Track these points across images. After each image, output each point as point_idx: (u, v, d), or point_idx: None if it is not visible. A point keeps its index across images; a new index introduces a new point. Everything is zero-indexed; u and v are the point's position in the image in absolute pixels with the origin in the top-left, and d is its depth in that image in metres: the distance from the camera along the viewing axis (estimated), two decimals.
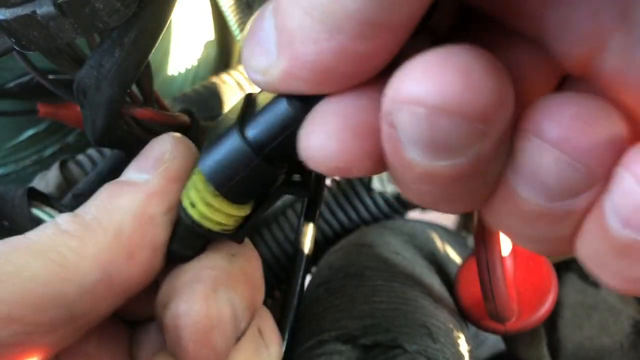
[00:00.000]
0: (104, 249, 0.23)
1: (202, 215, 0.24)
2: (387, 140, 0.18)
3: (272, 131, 0.21)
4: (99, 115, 0.28)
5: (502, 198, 0.19)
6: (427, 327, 0.35)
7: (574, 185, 0.17)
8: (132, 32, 0.26)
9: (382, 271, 0.40)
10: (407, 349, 0.34)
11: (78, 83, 0.27)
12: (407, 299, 0.37)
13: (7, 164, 0.48)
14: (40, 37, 0.25)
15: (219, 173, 0.23)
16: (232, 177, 0.22)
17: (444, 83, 0.16)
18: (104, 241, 0.23)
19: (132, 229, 0.24)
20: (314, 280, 0.42)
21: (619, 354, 0.52)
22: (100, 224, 0.24)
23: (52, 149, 0.49)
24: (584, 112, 0.17)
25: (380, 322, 0.35)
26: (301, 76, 0.18)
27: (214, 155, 0.23)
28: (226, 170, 0.22)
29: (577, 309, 0.54)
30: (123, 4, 0.24)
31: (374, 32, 0.17)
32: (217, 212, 0.24)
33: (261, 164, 0.22)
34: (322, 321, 0.36)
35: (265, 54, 0.19)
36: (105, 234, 0.23)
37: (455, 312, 0.40)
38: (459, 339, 0.37)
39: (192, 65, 0.56)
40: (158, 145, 0.26)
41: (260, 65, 0.19)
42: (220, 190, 0.23)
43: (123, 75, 0.27)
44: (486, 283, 0.36)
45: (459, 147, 0.17)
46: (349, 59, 0.18)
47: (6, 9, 0.24)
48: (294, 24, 0.18)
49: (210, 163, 0.23)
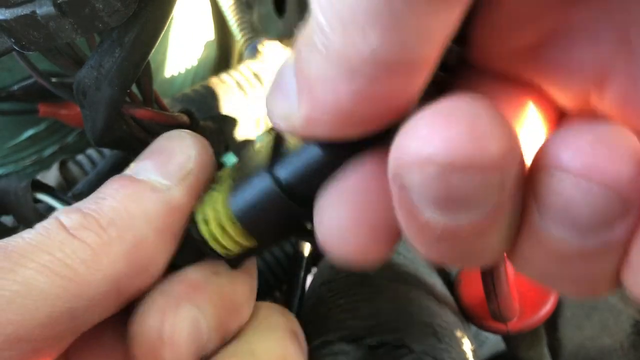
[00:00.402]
0: (119, 262, 0.22)
1: (212, 235, 0.24)
2: (400, 204, 0.18)
3: (303, 175, 0.21)
4: (98, 115, 0.28)
5: (531, 243, 0.18)
6: (433, 327, 0.35)
7: (608, 214, 0.16)
8: (132, 32, 0.26)
9: (384, 271, 0.40)
10: (413, 348, 0.34)
11: (78, 83, 0.27)
12: (411, 299, 0.37)
13: (6, 164, 0.48)
14: (40, 37, 0.25)
15: (248, 212, 0.23)
16: (261, 217, 0.23)
17: (451, 138, 0.15)
18: (120, 254, 0.22)
19: (151, 244, 0.22)
20: (316, 280, 0.42)
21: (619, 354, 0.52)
22: (119, 233, 0.22)
23: (52, 149, 0.49)
24: (603, 137, 0.16)
25: (385, 322, 0.35)
26: (322, 121, 0.18)
27: (244, 195, 0.23)
28: (256, 210, 0.22)
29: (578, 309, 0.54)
30: (123, 4, 0.24)
31: (389, 74, 0.16)
32: (228, 237, 0.24)
33: (292, 206, 0.22)
34: (326, 321, 0.36)
35: (286, 100, 0.19)
36: (122, 245, 0.22)
37: (457, 312, 0.40)
38: (463, 339, 0.37)
39: (192, 65, 0.56)
40: (181, 148, 0.25)
41: (282, 112, 0.19)
42: (242, 223, 0.23)
43: (123, 75, 0.27)
44: (489, 283, 0.36)
45: (477, 200, 0.16)
46: (368, 102, 0.17)
47: (6, 9, 0.24)
48: (312, 70, 0.18)
49: (240, 202, 0.23)
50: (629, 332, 0.53)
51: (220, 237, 0.24)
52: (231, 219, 0.23)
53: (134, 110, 0.30)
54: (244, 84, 0.48)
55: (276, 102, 0.20)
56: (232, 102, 0.47)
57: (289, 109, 0.19)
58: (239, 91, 0.48)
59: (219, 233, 0.24)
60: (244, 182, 0.23)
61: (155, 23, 0.26)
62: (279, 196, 0.22)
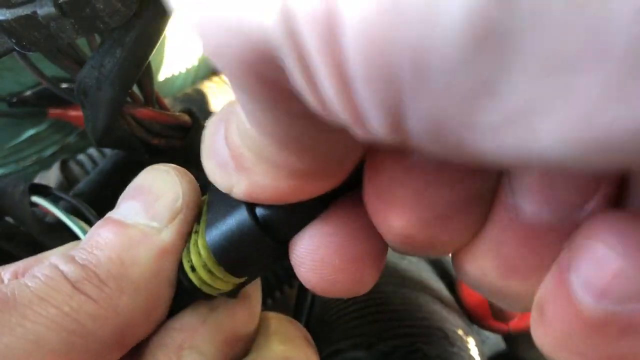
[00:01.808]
0: (122, 312, 0.22)
1: (201, 280, 0.23)
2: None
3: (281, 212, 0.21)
4: (100, 115, 0.28)
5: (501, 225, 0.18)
6: (444, 331, 0.35)
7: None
8: (133, 33, 0.26)
9: (391, 277, 0.40)
10: (426, 352, 0.34)
11: (79, 83, 0.27)
12: (420, 305, 0.37)
13: (7, 164, 0.48)
14: (41, 38, 0.25)
15: (225, 250, 0.22)
16: (239, 254, 0.22)
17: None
18: (123, 304, 0.22)
19: (150, 290, 0.22)
20: None
21: None
22: (118, 285, 0.22)
23: (53, 148, 0.49)
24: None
25: (396, 328, 0.35)
26: (263, 197, 0.19)
27: (221, 231, 0.22)
28: (233, 247, 0.22)
29: None
30: (124, 4, 0.24)
31: (316, 179, 0.18)
32: (217, 279, 0.23)
33: (270, 243, 0.21)
34: (336, 330, 0.36)
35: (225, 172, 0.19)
36: (122, 295, 0.22)
37: (462, 315, 0.41)
38: (472, 342, 0.37)
39: (193, 65, 0.56)
40: (168, 186, 0.24)
41: (224, 184, 0.20)
42: (226, 266, 0.22)
43: (124, 75, 0.27)
44: None
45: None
46: (303, 189, 0.18)
47: (7, 9, 0.24)
48: (248, 159, 0.18)
49: (217, 239, 0.22)
50: None
51: (210, 281, 0.23)
52: (216, 261, 0.23)
53: (135, 110, 0.30)
54: None
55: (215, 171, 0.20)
56: None
57: (227, 179, 0.19)
58: None
59: (207, 278, 0.23)
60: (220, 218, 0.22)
61: (156, 23, 0.26)
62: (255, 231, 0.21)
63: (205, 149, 0.20)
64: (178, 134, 0.33)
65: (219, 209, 0.22)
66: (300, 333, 0.27)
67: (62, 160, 0.44)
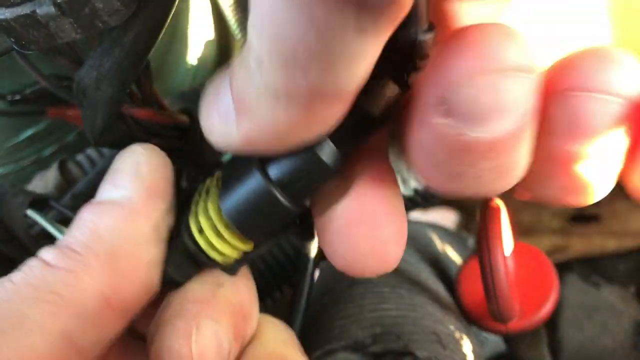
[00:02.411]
0: (100, 277, 0.23)
1: (208, 243, 0.24)
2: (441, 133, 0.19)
3: (295, 173, 0.21)
4: (98, 115, 0.28)
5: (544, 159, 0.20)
6: (437, 333, 0.35)
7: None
8: (132, 32, 0.26)
9: (388, 278, 0.40)
10: (417, 355, 0.34)
11: (78, 83, 0.27)
12: (415, 306, 0.37)
13: (6, 163, 0.48)
14: (40, 37, 0.25)
15: (240, 212, 0.23)
16: (254, 216, 0.22)
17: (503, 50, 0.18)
18: (98, 269, 0.23)
19: (124, 251, 0.23)
20: (318, 288, 0.42)
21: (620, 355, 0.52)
22: (91, 251, 0.23)
23: (52, 148, 0.49)
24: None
25: (389, 330, 0.35)
26: (261, 141, 0.20)
27: (235, 195, 0.22)
28: (248, 210, 0.22)
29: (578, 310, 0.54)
30: (123, 3, 0.24)
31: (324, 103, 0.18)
32: (224, 243, 0.24)
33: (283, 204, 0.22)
34: (329, 330, 0.36)
35: (224, 120, 0.20)
36: (98, 261, 0.23)
37: (460, 316, 0.40)
38: (467, 345, 0.37)
39: (192, 65, 0.56)
40: (129, 158, 0.25)
41: (219, 131, 0.21)
42: (240, 228, 0.23)
43: (123, 74, 0.27)
44: (489, 283, 0.36)
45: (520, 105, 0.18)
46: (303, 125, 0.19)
47: (6, 8, 0.24)
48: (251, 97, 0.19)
49: (232, 202, 0.23)
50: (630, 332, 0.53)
51: (217, 243, 0.24)
52: (225, 224, 0.23)
53: (133, 109, 0.30)
54: None
55: (212, 120, 0.21)
56: None
57: (226, 128, 0.20)
58: None
59: (215, 240, 0.24)
60: (233, 182, 0.23)
61: (155, 23, 0.26)
62: (269, 193, 0.22)
63: (206, 103, 0.22)
64: (176, 134, 0.33)
65: (232, 177, 0.23)
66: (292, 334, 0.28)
67: (60, 160, 0.44)
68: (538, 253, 0.41)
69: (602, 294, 0.55)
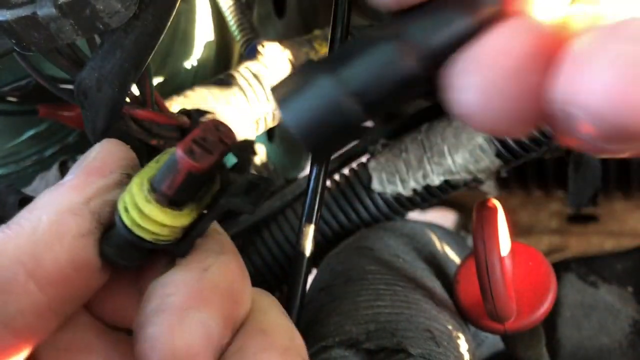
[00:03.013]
0: (21, 245, 0.23)
1: (133, 221, 0.23)
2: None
3: (373, 77, 0.19)
4: (99, 116, 0.28)
5: None
6: (431, 331, 0.36)
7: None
8: (133, 34, 0.26)
9: (384, 275, 0.40)
10: (411, 352, 0.34)
11: (79, 84, 0.27)
12: (410, 303, 0.37)
13: (7, 164, 0.48)
14: (40, 38, 0.25)
15: (307, 121, 0.20)
16: (323, 128, 0.19)
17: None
18: (21, 237, 0.23)
19: (48, 221, 0.24)
20: (315, 285, 0.42)
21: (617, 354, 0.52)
22: (19, 224, 0.24)
23: (53, 149, 0.49)
24: None
25: (384, 327, 0.35)
26: None
27: (301, 100, 0.20)
28: (316, 119, 0.19)
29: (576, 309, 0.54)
30: (123, 5, 0.25)
31: None
32: (148, 220, 0.23)
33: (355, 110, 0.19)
34: (324, 327, 0.36)
35: None
36: (23, 230, 0.24)
37: (456, 314, 0.41)
38: (462, 342, 0.37)
39: (192, 65, 0.56)
40: (89, 151, 0.27)
41: None
42: (308, 141, 0.20)
43: (123, 76, 0.27)
44: (485, 283, 0.36)
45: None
46: None
47: (7, 10, 0.24)
48: None
49: (296, 108, 0.20)
50: (628, 332, 0.53)
51: (141, 220, 0.23)
52: (146, 198, 0.22)
53: (134, 111, 0.30)
54: (243, 84, 0.49)
55: None
56: (232, 102, 0.47)
57: None
58: (238, 91, 0.48)
59: (138, 217, 0.23)
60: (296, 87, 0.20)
61: (156, 24, 0.27)
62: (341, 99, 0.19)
63: None
64: (176, 135, 0.33)
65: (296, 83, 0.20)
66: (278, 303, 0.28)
67: (61, 161, 0.44)
68: (536, 253, 0.41)
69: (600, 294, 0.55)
